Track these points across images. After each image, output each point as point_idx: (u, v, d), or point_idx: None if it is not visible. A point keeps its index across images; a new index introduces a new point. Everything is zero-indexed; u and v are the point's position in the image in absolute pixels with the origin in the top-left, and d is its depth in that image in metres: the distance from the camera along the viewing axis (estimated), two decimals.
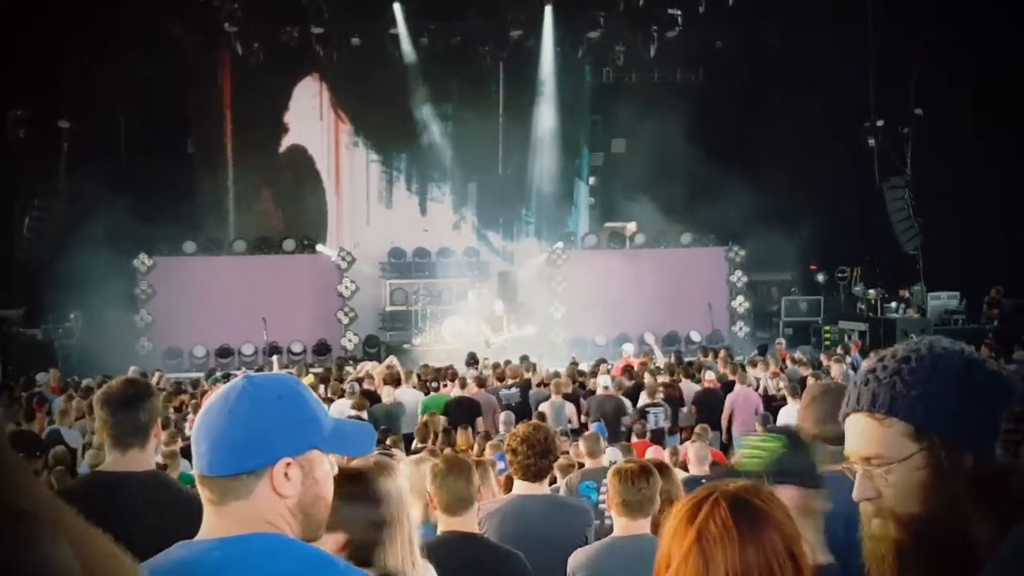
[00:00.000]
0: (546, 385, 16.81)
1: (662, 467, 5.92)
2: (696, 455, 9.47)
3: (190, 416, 14.72)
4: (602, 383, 16.30)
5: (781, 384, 16.56)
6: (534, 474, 6.01)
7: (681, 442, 14.12)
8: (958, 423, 1.98)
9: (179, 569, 2.34)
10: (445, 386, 16.93)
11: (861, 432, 2.11)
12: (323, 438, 2.47)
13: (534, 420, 6.89)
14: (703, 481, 8.79)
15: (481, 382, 16.46)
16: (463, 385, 16.21)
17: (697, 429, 12.17)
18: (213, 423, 2.42)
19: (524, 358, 19.17)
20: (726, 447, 14.34)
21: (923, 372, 2.03)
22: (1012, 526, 1.88)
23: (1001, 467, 1.99)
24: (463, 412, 14.33)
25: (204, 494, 2.44)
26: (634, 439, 12.59)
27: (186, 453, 11.00)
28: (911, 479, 2.00)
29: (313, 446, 2.44)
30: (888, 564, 2.05)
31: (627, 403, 15.74)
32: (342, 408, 14.43)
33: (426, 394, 16.64)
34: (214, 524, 2.44)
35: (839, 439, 3.85)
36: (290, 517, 2.42)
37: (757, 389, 16.46)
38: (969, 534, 1.95)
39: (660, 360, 18.57)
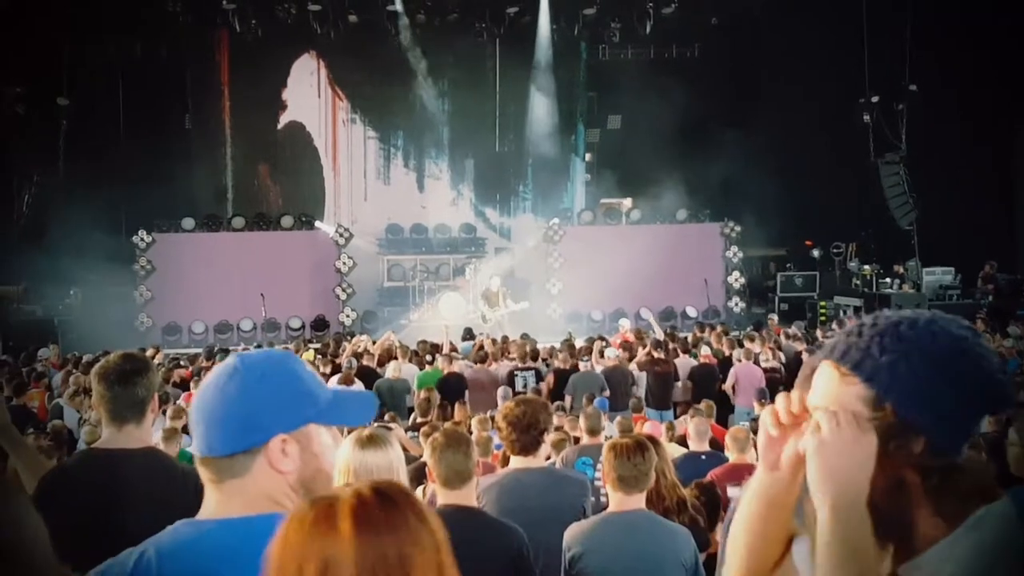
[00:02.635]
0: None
1: (652, 441, 5.98)
2: (696, 430, 9.39)
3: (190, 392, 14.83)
4: (610, 354, 16.40)
5: (772, 358, 16.72)
6: (522, 449, 6.05)
7: (676, 417, 14.23)
8: (920, 405, 1.87)
9: (185, 548, 2.37)
10: (431, 363, 16.95)
11: (823, 382, 2.01)
12: (318, 411, 2.47)
13: (522, 396, 6.90)
14: (703, 457, 8.85)
15: (482, 359, 16.53)
16: (449, 361, 16.29)
17: (701, 405, 12.12)
18: (207, 403, 2.44)
19: (524, 335, 19.20)
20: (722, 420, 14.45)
21: (906, 343, 1.91)
22: (955, 525, 1.88)
23: (954, 464, 1.90)
24: (450, 389, 14.42)
25: (204, 474, 2.46)
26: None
27: (187, 430, 11.13)
28: (855, 449, 1.87)
29: (308, 420, 2.44)
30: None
31: (636, 374, 15.90)
32: (333, 384, 14.46)
33: (421, 369, 16.71)
34: (216, 503, 2.45)
35: None
36: (291, 493, 2.42)
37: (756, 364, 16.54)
38: (908, 520, 1.90)
39: (659, 334, 18.64)
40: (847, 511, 1.85)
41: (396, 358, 16.79)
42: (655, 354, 16.32)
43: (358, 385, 14.49)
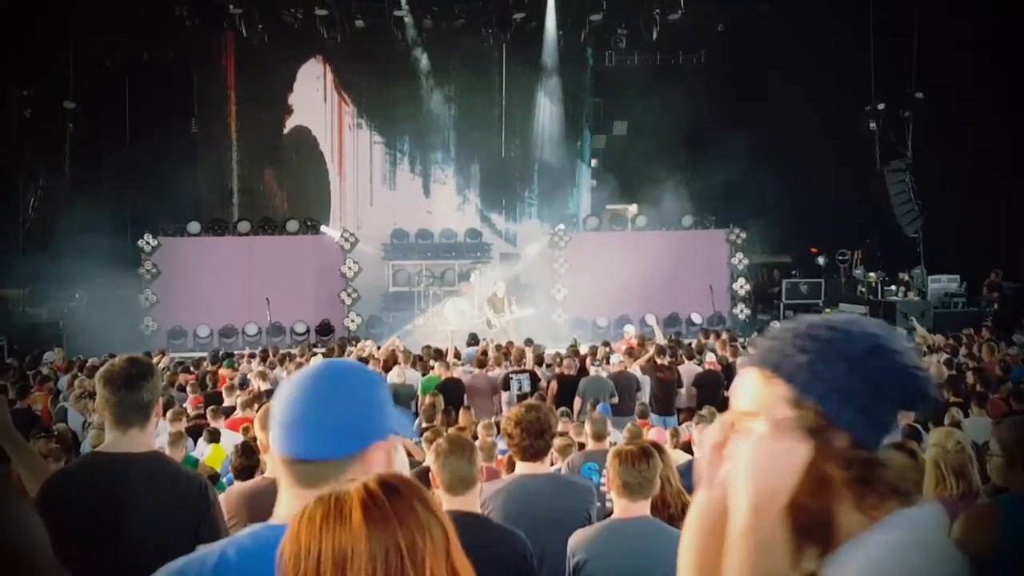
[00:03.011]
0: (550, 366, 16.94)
1: (656, 448, 5.96)
2: (701, 437, 9.42)
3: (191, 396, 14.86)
4: (615, 360, 16.39)
5: None
6: (532, 454, 6.03)
7: (679, 423, 14.21)
8: (840, 401, 1.91)
9: (268, 550, 2.23)
10: (431, 368, 16.93)
11: (746, 387, 2.04)
12: (397, 421, 2.53)
13: (529, 402, 6.89)
14: None
15: (481, 363, 16.51)
16: (447, 366, 16.29)
17: (703, 411, 12.12)
18: (306, 407, 2.44)
19: (528, 341, 19.19)
20: None
21: (823, 343, 1.95)
22: (875, 519, 1.91)
23: (874, 458, 1.93)
24: (448, 394, 14.42)
25: (290, 478, 2.44)
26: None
27: (190, 433, 11.14)
28: (777, 450, 1.92)
29: (393, 430, 2.50)
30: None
31: (641, 379, 15.90)
32: None
33: (424, 375, 16.68)
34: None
35: None
36: None
37: None
38: (832, 517, 1.93)
39: (660, 339, 18.60)
40: (768, 510, 1.90)
41: (399, 363, 16.78)
42: (658, 360, 16.31)
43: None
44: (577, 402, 14.57)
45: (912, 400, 1.97)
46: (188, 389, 15.52)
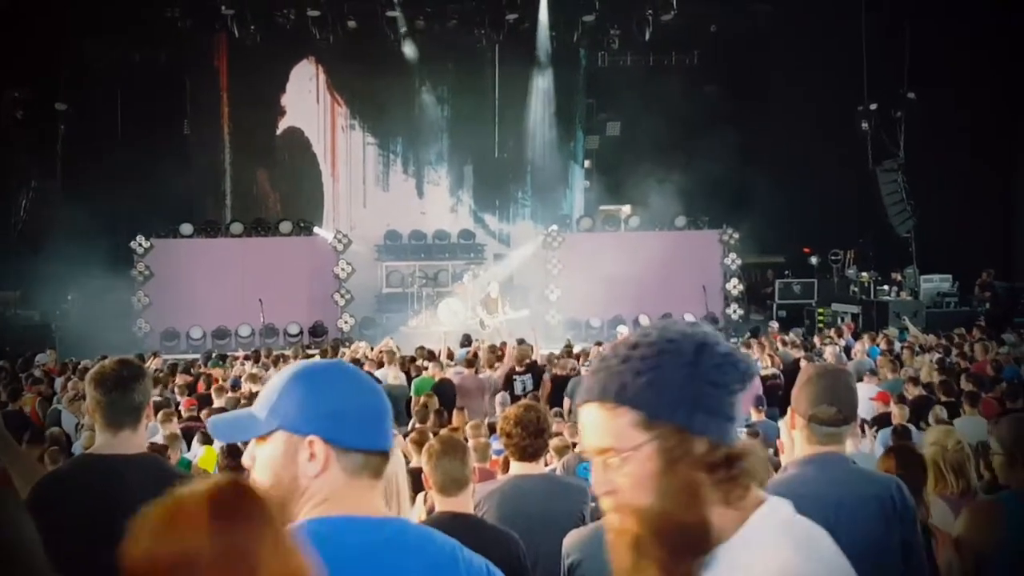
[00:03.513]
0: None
1: None
2: None
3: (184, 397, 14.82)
4: None
5: (771, 365, 16.74)
6: (530, 454, 5.99)
7: None
8: (689, 409, 1.91)
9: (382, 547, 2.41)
10: (425, 368, 16.91)
11: (593, 423, 1.99)
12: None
13: (526, 401, 6.88)
14: None
15: (470, 364, 16.50)
16: (441, 367, 16.29)
17: None
18: (380, 398, 2.54)
19: (521, 341, 19.17)
20: None
21: (652, 359, 1.94)
22: (743, 511, 1.94)
23: (732, 452, 1.94)
24: (442, 395, 14.38)
25: (375, 471, 2.49)
26: None
27: (184, 435, 11.11)
28: (644, 470, 1.92)
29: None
30: (628, 558, 2.01)
31: None
32: None
33: (408, 376, 16.65)
34: (377, 502, 2.51)
35: (834, 420, 3.97)
36: None
37: None
38: (708, 521, 1.92)
39: None
40: (651, 523, 1.92)
41: (384, 364, 16.76)
42: None
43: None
44: (566, 402, 14.55)
45: (744, 382, 1.97)
46: (176, 391, 15.49)
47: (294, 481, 2.41)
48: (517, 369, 16.07)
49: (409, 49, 30.46)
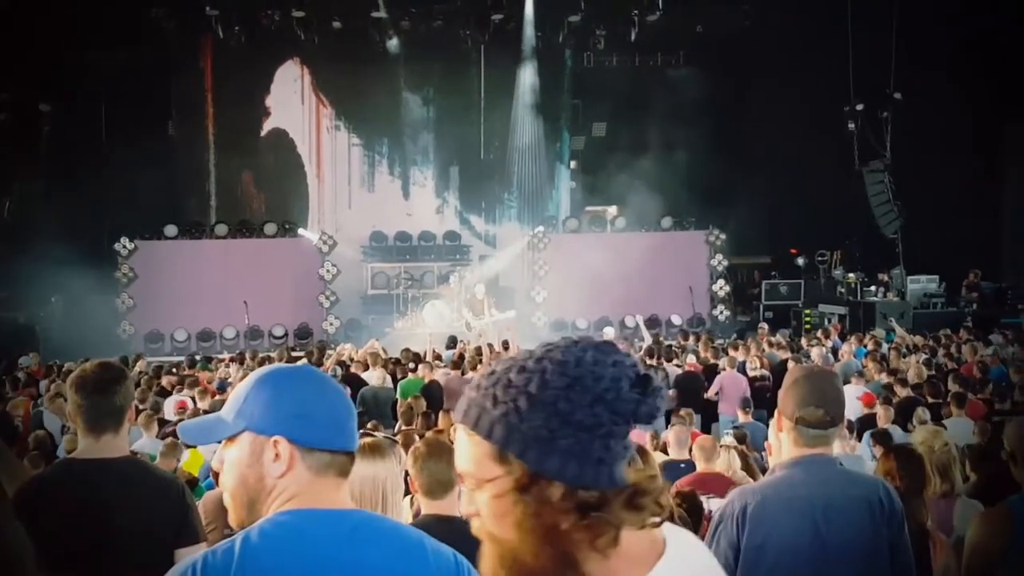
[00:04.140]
0: None
1: (640, 451, 5.92)
2: (676, 439, 9.39)
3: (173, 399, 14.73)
4: None
5: (759, 367, 16.73)
6: None
7: (667, 425, 14.21)
8: (543, 450, 1.76)
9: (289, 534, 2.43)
10: (414, 370, 16.86)
11: (459, 444, 1.89)
12: None
13: None
14: (682, 466, 8.76)
15: (456, 365, 16.48)
16: (430, 369, 16.26)
17: (681, 412, 12.13)
18: (346, 403, 2.63)
19: (505, 342, 19.15)
20: (707, 427, 14.46)
21: (516, 390, 1.80)
22: (632, 561, 1.82)
23: (602, 497, 1.78)
24: (431, 397, 14.35)
25: (340, 470, 2.55)
26: None
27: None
28: (496, 505, 1.82)
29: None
30: None
31: None
32: None
33: (394, 378, 16.60)
34: (343, 499, 2.57)
35: (821, 422, 3.95)
36: None
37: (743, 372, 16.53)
38: (570, 565, 1.79)
39: (648, 341, 18.57)
40: (506, 557, 1.83)
41: (370, 366, 16.72)
42: (647, 360, 16.29)
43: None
44: None
45: (629, 421, 1.81)
46: (172, 393, 15.40)
47: (260, 481, 2.48)
48: None
49: (394, 49, 30.44)
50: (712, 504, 7.57)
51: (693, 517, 7.02)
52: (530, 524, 1.78)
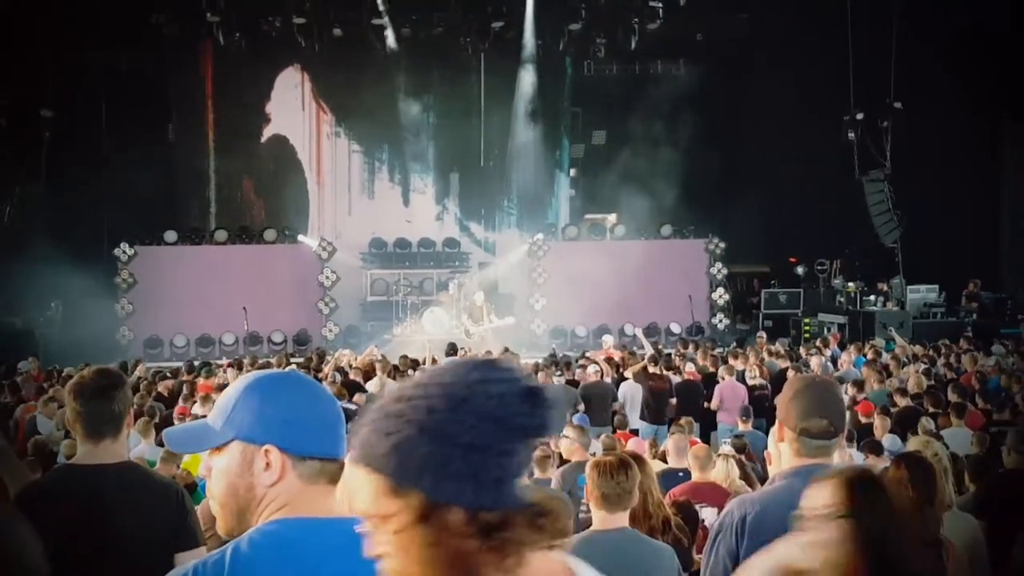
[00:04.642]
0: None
1: (637, 459, 5.92)
2: (675, 447, 9.36)
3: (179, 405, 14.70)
4: (591, 370, 16.41)
5: (759, 375, 16.72)
6: None
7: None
8: (435, 478, 1.73)
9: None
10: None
11: (353, 484, 1.84)
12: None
13: None
14: (680, 474, 8.78)
15: None
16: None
17: (681, 421, 12.13)
18: (336, 411, 2.58)
19: (506, 350, 19.14)
20: (706, 436, 14.44)
21: (401, 420, 1.76)
22: None
23: (503, 517, 1.74)
24: None
25: (331, 478, 2.49)
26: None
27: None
28: (398, 541, 1.76)
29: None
30: None
31: (621, 390, 15.95)
32: None
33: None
34: (335, 507, 2.47)
35: (824, 433, 3.94)
36: None
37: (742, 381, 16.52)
38: None
39: (649, 350, 18.61)
40: None
41: (378, 373, 16.74)
42: (651, 368, 16.28)
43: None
44: None
45: (527, 432, 1.78)
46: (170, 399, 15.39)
47: (251, 491, 2.45)
48: None
49: (395, 57, 30.44)
50: (705, 513, 7.58)
51: (689, 526, 7.03)
52: (434, 555, 1.74)
